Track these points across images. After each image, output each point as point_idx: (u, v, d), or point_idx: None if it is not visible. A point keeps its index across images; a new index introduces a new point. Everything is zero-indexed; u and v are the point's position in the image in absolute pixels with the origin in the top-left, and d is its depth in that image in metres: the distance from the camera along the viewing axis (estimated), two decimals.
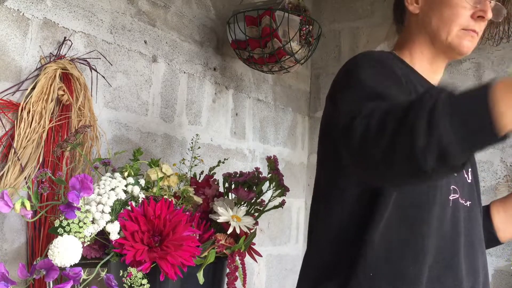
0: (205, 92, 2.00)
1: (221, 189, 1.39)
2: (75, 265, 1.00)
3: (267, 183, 1.37)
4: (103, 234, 1.11)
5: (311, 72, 2.66)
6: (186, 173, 1.44)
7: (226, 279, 1.19)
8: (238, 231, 1.22)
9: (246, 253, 1.25)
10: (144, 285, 1.03)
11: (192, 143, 1.59)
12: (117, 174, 1.17)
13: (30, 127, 1.34)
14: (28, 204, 1.04)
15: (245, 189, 1.33)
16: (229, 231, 1.22)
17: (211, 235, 1.22)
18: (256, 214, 1.33)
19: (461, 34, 1.01)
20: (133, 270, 1.03)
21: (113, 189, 1.12)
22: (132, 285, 1.03)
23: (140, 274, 1.03)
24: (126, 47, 1.68)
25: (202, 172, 1.45)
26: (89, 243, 1.07)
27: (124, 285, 1.03)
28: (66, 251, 0.98)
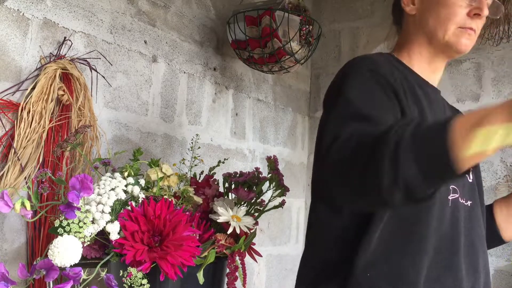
0: (205, 92, 2.00)
1: (221, 189, 1.39)
2: (75, 265, 1.00)
3: (267, 183, 1.37)
4: (103, 234, 1.11)
5: (311, 72, 2.66)
6: (186, 173, 1.44)
7: (226, 279, 1.19)
8: (238, 231, 1.22)
9: (246, 253, 1.25)
10: (144, 285, 1.03)
11: (192, 143, 1.59)
12: (117, 174, 1.17)
13: (30, 127, 1.34)
14: (28, 204, 1.04)
15: (245, 189, 1.33)
16: (229, 231, 1.22)
17: (211, 235, 1.22)
18: (256, 214, 1.33)
19: (458, 33, 1.01)
20: (133, 270, 1.03)
21: (113, 189, 1.12)
22: (132, 285, 1.03)
23: (140, 274, 1.03)
24: (126, 47, 1.68)
25: (202, 172, 1.45)
26: (89, 243, 1.07)
27: (124, 285, 1.03)
28: (66, 251, 0.98)
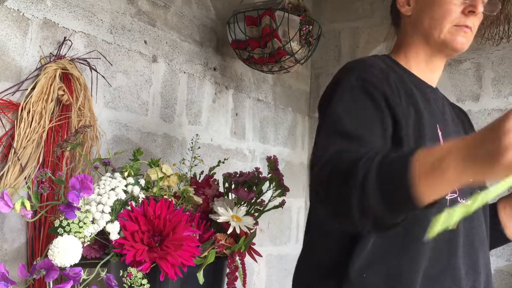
0: (205, 92, 2.00)
1: (221, 189, 1.39)
2: (75, 265, 1.00)
3: (267, 183, 1.37)
4: (103, 234, 1.11)
5: (311, 72, 2.66)
6: (186, 173, 1.44)
7: (226, 279, 1.19)
8: (238, 231, 1.22)
9: (246, 253, 1.25)
10: (144, 285, 1.03)
11: (192, 143, 1.58)
12: (117, 174, 1.17)
13: (30, 127, 1.34)
14: (28, 204, 1.04)
15: (245, 189, 1.33)
16: (229, 231, 1.22)
17: (211, 235, 1.22)
18: (256, 214, 1.33)
19: (454, 31, 1.01)
20: (133, 270, 1.03)
21: (113, 189, 1.12)
22: (132, 285, 1.03)
23: (140, 274, 1.03)
24: (126, 47, 1.68)
25: (202, 172, 1.45)
26: (89, 243, 1.07)
27: (124, 285, 1.03)
28: (66, 251, 0.98)
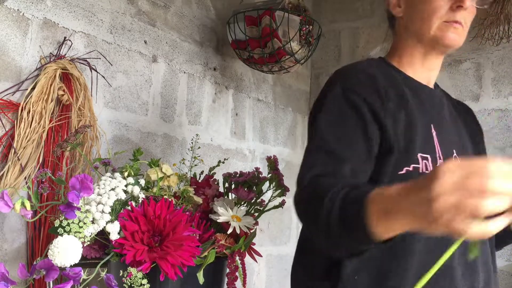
0: (205, 92, 2.00)
1: (221, 189, 1.39)
2: (75, 265, 1.00)
3: (267, 183, 1.37)
4: (103, 234, 1.11)
5: (311, 72, 2.66)
6: (186, 173, 1.44)
7: (226, 279, 1.19)
8: (238, 231, 1.22)
9: (246, 253, 1.25)
10: (144, 285, 1.03)
11: (192, 143, 1.58)
12: (117, 174, 1.17)
13: (30, 127, 1.34)
14: (28, 204, 1.04)
15: (245, 189, 1.33)
16: (229, 231, 1.22)
17: (211, 235, 1.22)
18: (256, 214, 1.33)
19: (443, 27, 1.01)
20: (133, 270, 1.03)
21: (113, 189, 1.12)
22: (132, 285, 1.03)
23: (140, 274, 1.03)
24: (126, 47, 1.68)
25: (202, 172, 1.45)
26: (89, 243, 1.07)
27: (124, 285, 1.03)
28: (66, 251, 0.98)
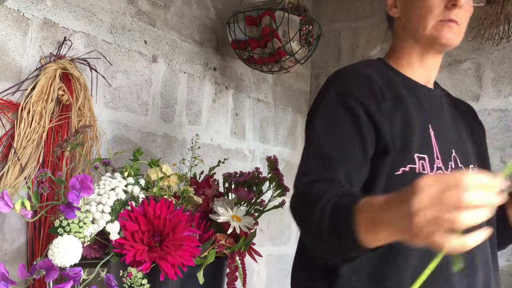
0: (205, 92, 2.00)
1: (221, 189, 1.39)
2: (75, 265, 1.00)
3: (267, 183, 1.37)
4: (103, 234, 1.11)
5: (311, 72, 2.66)
6: (186, 173, 1.44)
7: (226, 279, 1.19)
8: (238, 231, 1.22)
9: (246, 253, 1.25)
10: (144, 285, 1.03)
11: (192, 143, 1.58)
12: (117, 174, 1.17)
13: (30, 127, 1.34)
14: (28, 204, 1.04)
15: (245, 189, 1.33)
16: (229, 231, 1.22)
17: (211, 235, 1.22)
18: (256, 214, 1.33)
19: (438, 26, 1.01)
20: (133, 270, 1.03)
21: (113, 189, 1.12)
22: (132, 285, 1.03)
23: (140, 274, 1.03)
24: (126, 47, 1.68)
25: (202, 172, 1.45)
26: (89, 243, 1.07)
27: (124, 285, 1.03)
28: (66, 251, 0.98)
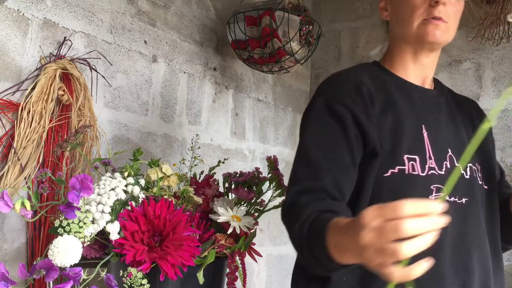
0: (205, 92, 2.00)
1: (221, 189, 1.39)
2: (75, 265, 1.00)
3: (267, 183, 1.37)
4: (103, 234, 1.10)
5: (311, 72, 2.66)
6: (186, 173, 1.44)
7: (226, 279, 1.19)
8: (238, 231, 1.22)
9: (246, 253, 1.25)
10: (144, 285, 1.03)
11: (192, 143, 1.58)
12: (117, 174, 1.17)
13: (30, 127, 1.34)
14: (28, 204, 1.04)
15: (245, 189, 1.33)
16: (229, 231, 1.22)
17: (211, 235, 1.22)
18: (256, 214, 1.33)
19: (423, 25, 1.03)
20: (133, 270, 1.03)
21: (113, 189, 1.12)
22: (132, 285, 1.03)
23: (140, 274, 1.03)
24: (126, 47, 1.68)
25: (202, 172, 1.45)
26: (89, 243, 1.07)
27: (124, 285, 1.03)
28: (66, 251, 0.98)
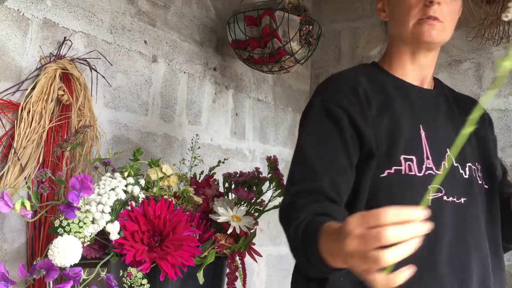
0: (205, 92, 2.00)
1: (221, 189, 1.39)
2: (75, 265, 1.00)
3: (267, 183, 1.37)
4: (103, 234, 1.11)
5: (311, 72, 2.66)
6: (186, 173, 1.44)
7: (226, 279, 1.19)
8: (238, 231, 1.22)
9: (246, 253, 1.25)
10: (144, 285, 1.03)
11: (192, 143, 1.58)
12: (117, 174, 1.17)
13: (30, 127, 1.34)
14: (28, 204, 1.04)
15: (245, 189, 1.33)
16: (229, 231, 1.22)
17: (211, 235, 1.22)
18: (256, 214, 1.33)
19: (419, 25, 1.04)
20: (133, 270, 1.03)
21: (113, 189, 1.12)
22: (132, 285, 1.03)
23: (140, 274, 1.03)
24: (126, 47, 1.68)
25: (202, 172, 1.45)
26: (89, 243, 1.07)
27: (124, 285, 1.03)
28: (66, 251, 0.98)
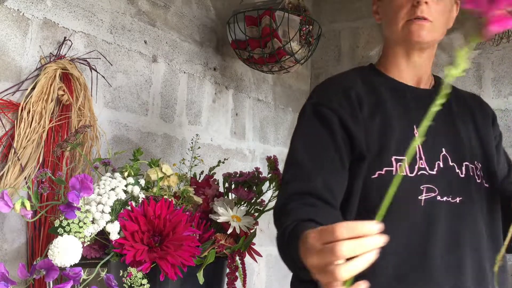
0: (205, 92, 2.00)
1: (221, 189, 1.39)
2: (75, 265, 1.00)
3: (267, 183, 1.37)
4: (103, 234, 1.10)
5: (311, 72, 2.65)
6: (186, 173, 1.44)
7: (226, 279, 1.19)
8: (238, 231, 1.22)
9: (246, 253, 1.25)
10: (144, 285, 1.03)
11: (192, 143, 1.58)
12: (117, 174, 1.17)
13: (30, 127, 1.34)
14: (28, 204, 1.04)
15: (245, 189, 1.33)
16: (229, 231, 1.22)
17: (211, 235, 1.22)
18: (256, 214, 1.33)
19: (407, 25, 1.05)
20: (133, 270, 1.03)
21: (113, 189, 1.12)
22: (132, 285, 1.03)
23: (140, 274, 1.03)
24: (126, 47, 1.68)
25: (202, 172, 1.45)
26: (89, 243, 1.07)
27: (124, 285, 1.03)
28: (66, 251, 0.98)
